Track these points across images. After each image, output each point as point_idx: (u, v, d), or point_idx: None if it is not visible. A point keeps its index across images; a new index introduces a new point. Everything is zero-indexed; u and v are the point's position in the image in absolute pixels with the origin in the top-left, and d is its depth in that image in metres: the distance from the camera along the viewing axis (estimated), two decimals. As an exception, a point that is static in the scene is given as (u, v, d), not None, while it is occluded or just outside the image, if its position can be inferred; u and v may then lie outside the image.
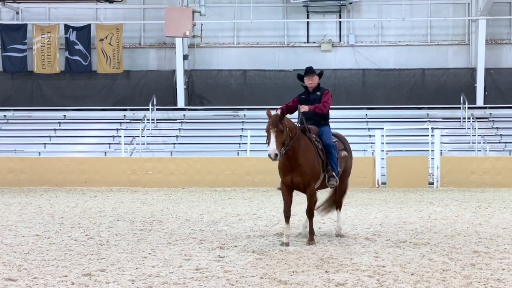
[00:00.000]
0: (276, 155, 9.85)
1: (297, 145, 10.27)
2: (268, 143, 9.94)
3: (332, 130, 11.59)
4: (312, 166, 10.37)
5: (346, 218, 13.44)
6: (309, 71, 11.06)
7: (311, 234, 10.65)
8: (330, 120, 11.21)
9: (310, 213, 10.67)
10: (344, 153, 11.18)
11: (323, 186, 10.83)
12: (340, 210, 11.65)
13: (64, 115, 29.53)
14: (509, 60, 29.73)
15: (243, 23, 30.06)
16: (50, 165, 23.98)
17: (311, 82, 11.03)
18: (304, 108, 10.79)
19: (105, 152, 26.80)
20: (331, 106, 11.10)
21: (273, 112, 10.22)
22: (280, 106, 10.94)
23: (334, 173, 10.64)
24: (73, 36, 30.03)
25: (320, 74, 11.11)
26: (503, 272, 8.26)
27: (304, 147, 10.36)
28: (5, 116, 29.64)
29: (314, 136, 10.68)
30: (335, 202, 11.64)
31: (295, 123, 10.73)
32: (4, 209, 16.13)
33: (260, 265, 8.72)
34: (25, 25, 30.27)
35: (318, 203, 11.58)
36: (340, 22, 30.10)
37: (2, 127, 29.05)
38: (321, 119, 10.94)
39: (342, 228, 11.65)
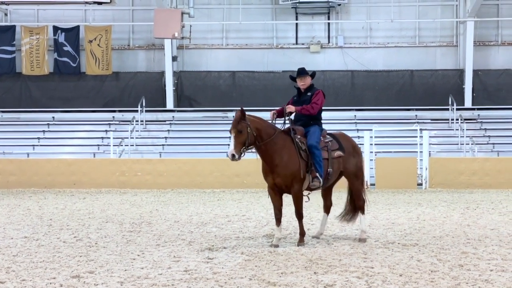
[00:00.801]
0: (233, 155, 9.98)
1: (273, 145, 10.30)
2: None
3: (332, 131, 11.60)
4: (290, 167, 10.31)
5: (335, 219, 13.44)
6: (301, 72, 11.06)
7: (301, 236, 10.65)
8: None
9: (298, 215, 10.66)
10: (338, 153, 10.90)
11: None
12: (363, 213, 11.32)
13: (53, 117, 29.41)
14: (497, 61, 29.82)
15: (232, 24, 30.06)
16: (38, 167, 23.88)
17: (303, 83, 11.04)
18: (290, 108, 10.80)
19: (94, 154, 26.72)
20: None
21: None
22: (275, 108, 11.11)
23: (317, 174, 10.53)
24: (61, 38, 29.91)
25: (313, 75, 11.10)
26: (491, 273, 8.30)
27: (282, 148, 10.35)
28: (-7, 117, 29.57)
29: (299, 136, 10.64)
30: (355, 205, 11.38)
31: (283, 124, 10.78)
32: (-8, 211, 16.07)
33: (249, 267, 8.73)
34: (13, 27, 30.11)
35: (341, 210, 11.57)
36: (328, 23, 30.13)
37: (-10, 129, 28.94)
38: (310, 120, 10.90)
39: (366, 231, 11.30)
